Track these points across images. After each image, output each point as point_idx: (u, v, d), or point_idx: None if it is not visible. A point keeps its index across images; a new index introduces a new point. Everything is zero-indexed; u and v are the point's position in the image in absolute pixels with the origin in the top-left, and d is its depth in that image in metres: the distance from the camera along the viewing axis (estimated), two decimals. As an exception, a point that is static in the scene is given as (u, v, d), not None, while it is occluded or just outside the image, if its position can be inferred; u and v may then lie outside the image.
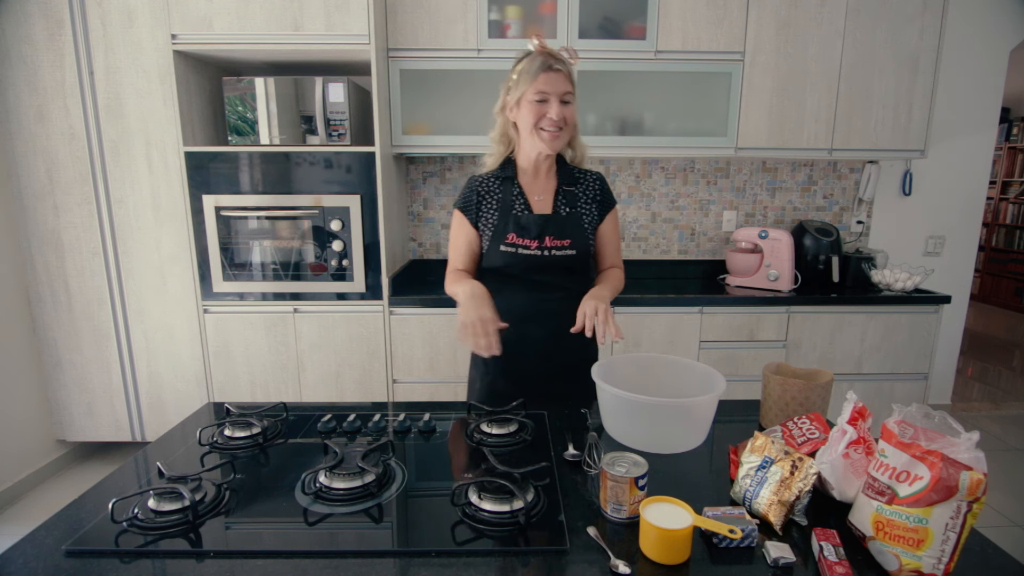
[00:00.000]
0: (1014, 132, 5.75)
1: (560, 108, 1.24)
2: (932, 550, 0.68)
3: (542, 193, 1.36)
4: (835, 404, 1.02)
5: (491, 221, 1.35)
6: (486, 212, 1.35)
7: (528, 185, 1.37)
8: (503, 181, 1.36)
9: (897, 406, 0.78)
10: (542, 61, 1.22)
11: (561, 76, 1.23)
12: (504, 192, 1.35)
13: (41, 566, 0.73)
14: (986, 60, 2.78)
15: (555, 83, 1.22)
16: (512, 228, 1.32)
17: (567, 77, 1.24)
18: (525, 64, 1.24)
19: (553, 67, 1.22)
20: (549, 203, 1.36)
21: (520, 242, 1.31)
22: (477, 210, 1.35)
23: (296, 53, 2.19)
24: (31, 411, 2.39)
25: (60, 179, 2.24)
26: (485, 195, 1.36)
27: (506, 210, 1.34)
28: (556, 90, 1.23)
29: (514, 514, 0.80)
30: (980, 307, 5.74)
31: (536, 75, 1.22)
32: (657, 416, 1.00)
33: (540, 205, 1.35)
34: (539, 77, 1.22)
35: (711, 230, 2.88)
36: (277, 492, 0.90)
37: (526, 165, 1.36)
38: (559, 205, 1.35)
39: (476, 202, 1.36)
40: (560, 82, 1.23)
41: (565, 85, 1.24)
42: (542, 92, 1.22)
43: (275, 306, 2.30)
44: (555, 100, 1.23)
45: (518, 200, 1.35)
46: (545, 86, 1.22)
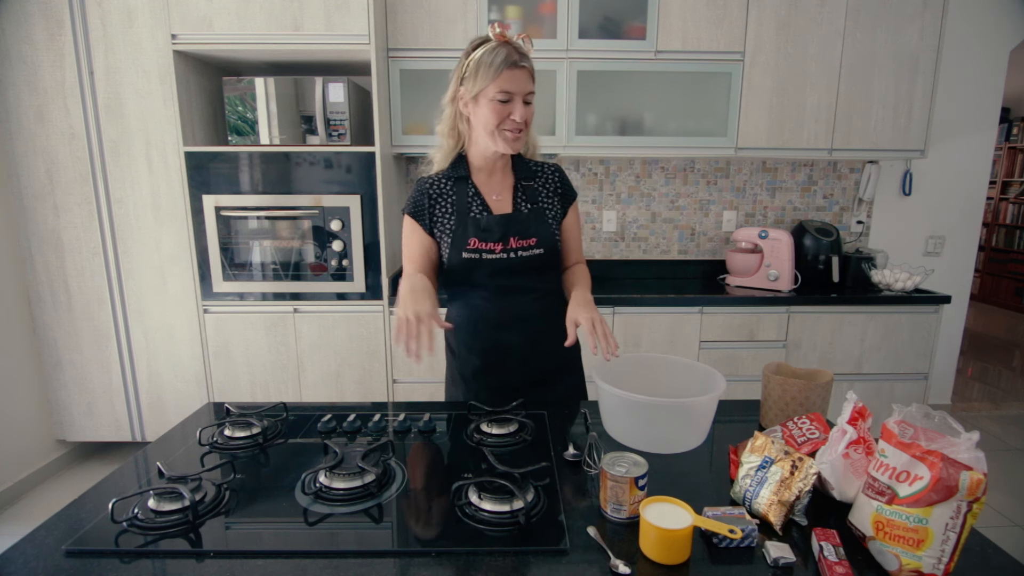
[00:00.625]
0: (1014, 132, 5.75)
1: (524, 110, 1.15)
2: (932, 550, 0.68)
3: (500, 191, 1.27)
4: (835, 404, 1.02)
5: (448, 226, 1.24)
6: (441, 217, 1.25)
7: (484, 184, 1.27)
8: (456, 182, 1.26)
9: (897, 406, 0.78)
10: (506, 55, 1.12)
11: (525, 73, 1.14)
12: (458, 194, 1.25)
13: (41, 566, 0.73)
14: (986, 60, 2.78)
15: (520, 82, 1.13)
16: (472, 232, 1.22)
17: (530, 74, 1.15)
18: (485, 55, 1.13)
19: (518, 63, 1.12)
20: (509, 201, 1.27)
21: (483, 246, 1.22)
22: (431, 215, 1.25)
23: (296, 53, 2.19)
24: (31, 411, 2.39)
25: (60, 179, 2.24)
26: (437, 198, 1.25)
27: (463, 213, 1.24)
28: (521, 89, 1.14)
29: (514, 514, 0.80)
30: (980, 307, 5.74)
31: (499, 71, 1.11)
32: (657, 416, 1.00)
33: (499, 205, 1.26)
34: (503, 74, 1.11)
35: (711, 230, 2.88)
36: (277, 492, 0.90)
37: (480, 163, 1.26)
38: (519, 202, 1.27)
39: (428, 206, 1.25)
40: (525, 81, 1.14)
41: (529, 84, 1.15)
42: (506, 92, 1.12)
43: (275, 306, 2.30)
44: (519, 100, 1.14)
45: (475, 201, 1.25)
46: (510, 85, 1.12)
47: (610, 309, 2.31)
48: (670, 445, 1.02)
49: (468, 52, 1.17)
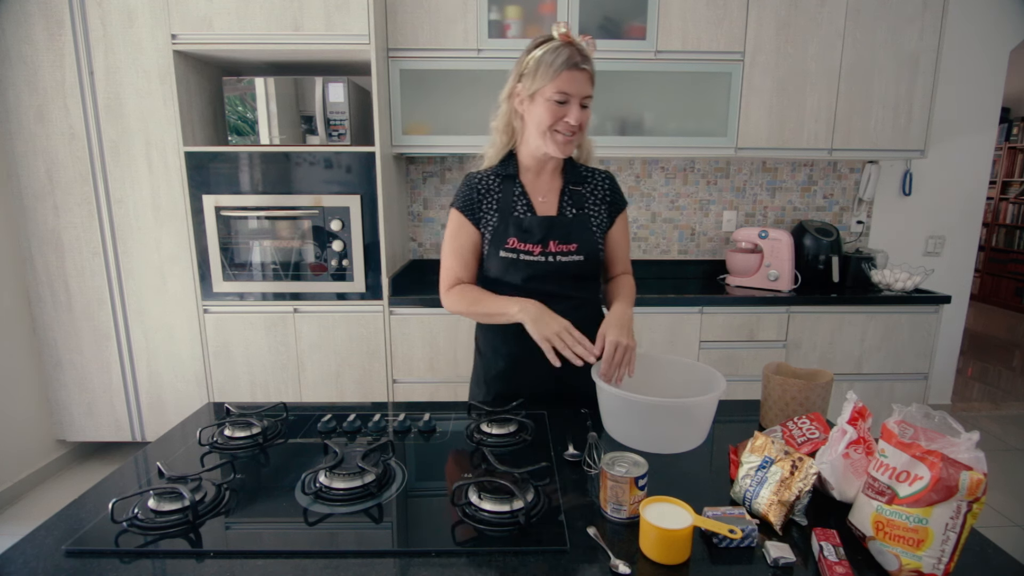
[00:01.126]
0: (1014, 132, 5.75)
1: (579, 113, 1.13)
2: (932, 550, 0.68)
3: (546, 193, 1.26)
4: (835, 404, 1.02)
5: (490, 223, 1.23)
6: (486, 213, 1.24)
7: (531, 184, 1.26)
8: (504, 179, 1.25)
9: (897, 406, 0.78)
10: (568, 56, 1.10)
11: (586, 76, 1.12)
12: (504, 192, 1.24)
13: (41, 566, 0.73)
14: (986, 60, 2.78)
15: (579, 84, 1.11)
16: (513, 232, 1.21)
17: (590, 78, 1.13)
18: (547, 54, 1.11)
19: (580, 65, 1.10)
20: (554, 204, 1.25)
21: (521, 247, 1.20)
22: (478, 210, 1.24)
23: (296, 53, 2.19)
24: (31, 411, 2.39)
25: (60, 179, 2.24)
26: (485, 194, 1.24)
27: (506, 212, 1.22)
28: (579, 92, 1.12)
29: (514, 514, 0.80)
30: (980, 307, 5.74)
31: (559, 71, 1.10)
32: (657, 416, 1.00)
33: (544, 206, 1.25)
34: (562, 75, 1.10)
35: (711, 230, 2.88)
36: (277, 492, 0.90)
37: (530, 162, 1.25)
38: (565, 206, 1.25)
39: (476, 200, 1.24)
40: (584, 84, 1.12)
41: (588, 88, 1.13)
42: (564, 93, 1.11)
43: (275, 306, 2.30)
44: (575, 103, 1.12)
45: (520, 201, 1.24)
46: (568, 86, 1.10)
47: (610, 309, 2.31)
48: (670, 445, 1.02)
49: (529, 49, 1.16)
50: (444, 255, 1.28)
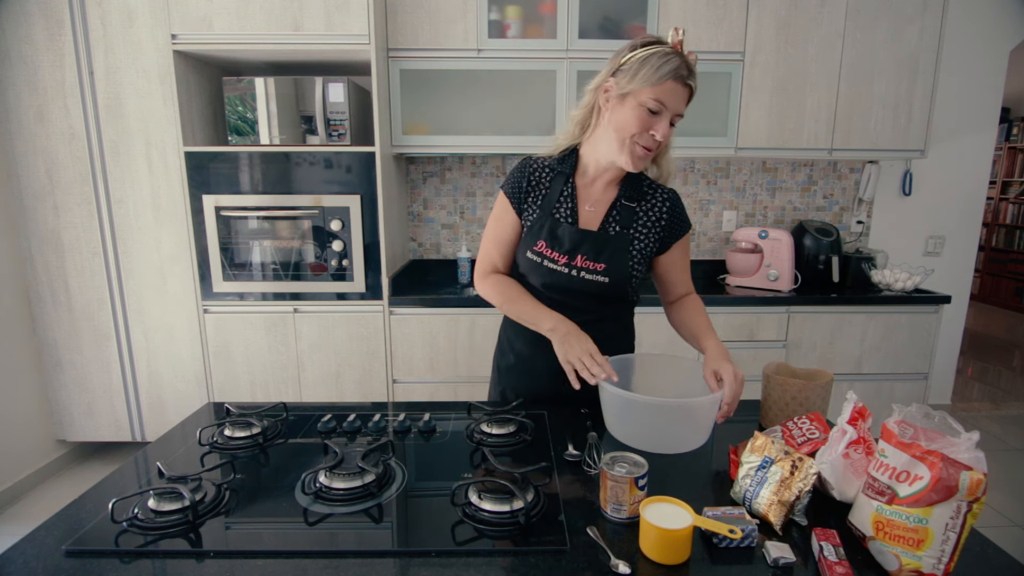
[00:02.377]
0: (1014, 132, 5.75)
1: (667, 129, 1.05)
2: (932, 550, 0.68)
3: (596, 203, 1.17)
4: (835, 404, 1.02)
5: (530, 217, 1.18)
6: (530, 205, 1.17)
7: (583, 188, 1.17)
8: (556, 175, 1.17)
9: (897, 406, 0.78)
10: (676, 67, 1.02)
11: (688, 93, 1.04)
12: (553, 188, 1.16)
13: (41, 566, 0.73)
14: (986, 60, 2.78)
15: (679, 99, 1.03)
16: (544, 235, 1.14)
17: (690, 96, 1.06)
18: (655, 57, 1.02)
19: (686, 80, 1.03)
20: (599, 217, 1.16)
21: (548, 253, 1.14)
22: (524, 199, 1.18)
23: (296, 53, 2.19)
24: (31, 411, 2.39)
25: (60, 179, 2.24)
26: (535, 185, 1.17)
27: (547, 211, 1.16)
28: (675, 107, 1.04)
29: (514, 514, 0.80)
30: (980, 307, 5.74)
31: (663, 80, 1.01)
32: (659, 417, 1.00)
33: (588, 217, 1.16)
34: (666, 83, 1.01)
35: (711, 230, 2.88)
36: (277, 492, 0.90)
37: (591, 165, 1.16)
38: (610, 222, 1.16)
39: (525, 189, 1.17)
40: (683, 99, 1.04)
41: (684, 104, 1.05)
42: (660, 103, 1.03)
43: (275, 306, 2.30)
44: (667, 118, 1.04)
45: (565, 204, 1.16)
46: (667, 97, 1.02)
47: (610, 309, 2.31)
48: (672, 445, 1.02)
49: (634, 46, 1.06)
50: (485, 239, 1.24)
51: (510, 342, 1.30)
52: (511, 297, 1.18)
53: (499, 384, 1.34)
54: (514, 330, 1.28)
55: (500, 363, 1.34)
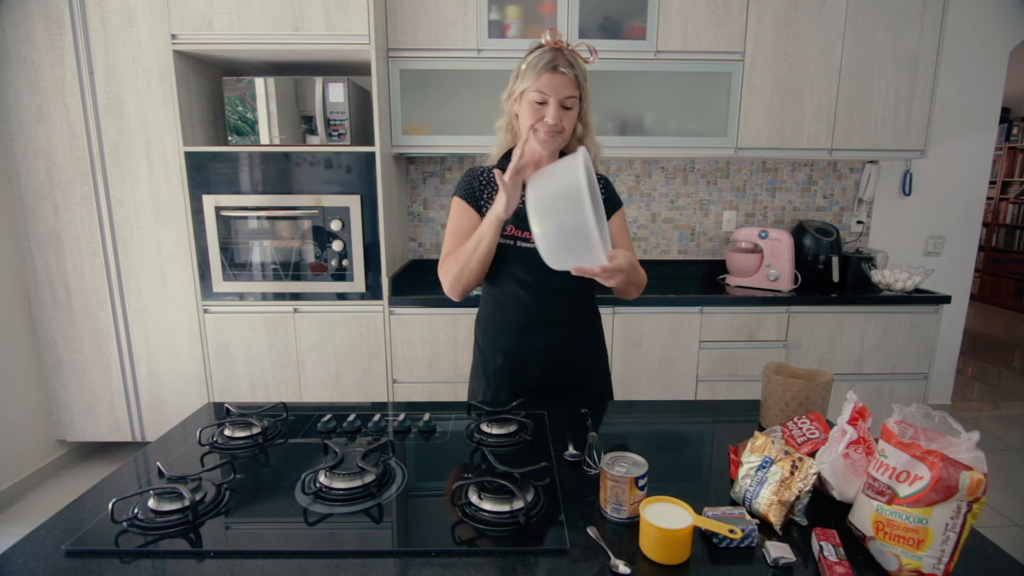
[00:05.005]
0: (1014, 132, 5.75)
1: (558, 112, 1.17)
2: (932, 550, 0.68)
3: None
4: (835, 404, 1.02)
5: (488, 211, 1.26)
6: (486, 203, 1.29)
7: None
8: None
9: (897, 406, 0.78)
10: (549, 59, 1.16)
11: (565, 80, 1.16)
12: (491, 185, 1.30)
13: (41, 566, 0.73)
14: (986, 60, 2.78)
15: (557, 86, 1.16)
16: (512, 220, 1.25)
17: (572, 81, 1.17)
18: (533, 58, 1.18)
19: (558, 68, 1.15)
20: None
21: (519, 234, 1.25)
22: (479, 198, 1.30)
23: (296, 53, 2.19)
24: (31, 411, 2.39)
25: (60, 179, 2.24)
26: (486, 185, 1.31)
27: None
28: (557, 94, 1.16)
29: (514, 514, 0.80)
30: (980, 307, 5.74)
31: (540, 74, 1.15)
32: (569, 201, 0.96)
33: None
34: (542, 76, 1.15)
35: (711, 230, 2.88)
36: (277, 492, 0.90)
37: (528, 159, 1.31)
38: None
39: (478, 189, 1.30)
40: (563, 86, 1.16)
41: (568, 89, 1.16)
42: (542, 93, 1.16)
43: (275, 306, 2.30)
44: (554, 103, 1.17)
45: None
46: (546, 87, 1.16)
47: (610, 309, 2.31)
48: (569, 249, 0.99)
49: (525, 55, 1.22)
50: (446, 242, 1.31)
51: (493, 344, 1.34)
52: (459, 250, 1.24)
53: (490, 388, 1.35)
54: (496, 330, 1.33)
55: (486, 368, 1.36)
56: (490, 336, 1.35)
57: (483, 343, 1.37)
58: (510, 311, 1.30)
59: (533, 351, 1.30)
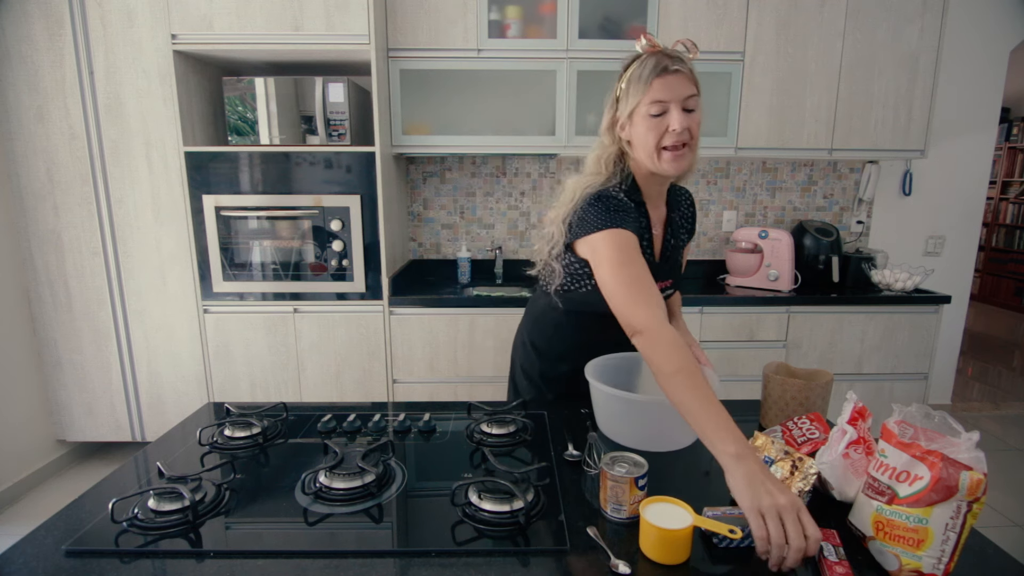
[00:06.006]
0: (1014, 132, 5.74)
1: (683, 117, 1.01)
2: (932, 550, 0.68)
3: (658, 225, 1.18)
4: (835, 404, 1.02)
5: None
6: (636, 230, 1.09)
7: (652, 213, 1.16)
8: (637, 206, 1.12)
9: (897, 406, 0.78)
10: (655, 62, 1.01)
11: (682, 78, 1.01)
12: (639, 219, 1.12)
13: (41, 566, 0.73)
14: (986, 60, 2.78)
15: (674, 88, 1.00)
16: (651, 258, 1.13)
17: (689, 78, 1.02)
18: (635, 69, 1.03)
19: (670, 68, 1.00)
20: (660, 237, 1.19)
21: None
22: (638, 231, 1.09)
23: (296, 53, 2.19)
24: (31, 411, 2.39)
25: (60, 179, 2.24)
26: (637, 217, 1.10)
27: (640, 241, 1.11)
28: (677, 95, 1.01)
29: (514, 514, 0.80)
30: (980, 307, 5.74)
31: (650, 81, 1.00)
32: (649, 415, 1.00)
33: (657, 241, 1.18)
34: (653, 83, 1.00)
35: (711, 230, 2.88)
36: (277, 492, 0.90)
37: (649, 188, 1.14)
38: (668, 241, 1.19)
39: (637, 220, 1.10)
40: (680, 85, 1.00)
41: (687, 88, 1.01)
42: (659, 101, 1.01)
43: (275, 306, 2.30)
44: (676, 108, 1.01)
45: (645, 232, 1.14)
46: (662, 93, 1.00)
47: (610, 309, 2.30)
48: (662, 443, 1.02)
49: (620, 75, 1.08)
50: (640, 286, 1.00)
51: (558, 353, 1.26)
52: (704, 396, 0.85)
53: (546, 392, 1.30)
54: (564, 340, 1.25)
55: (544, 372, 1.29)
56: (554, 344, 1.28)
57: (543, 348, 1.30)
58: (588, 328, 1.22)
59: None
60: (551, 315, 1.26)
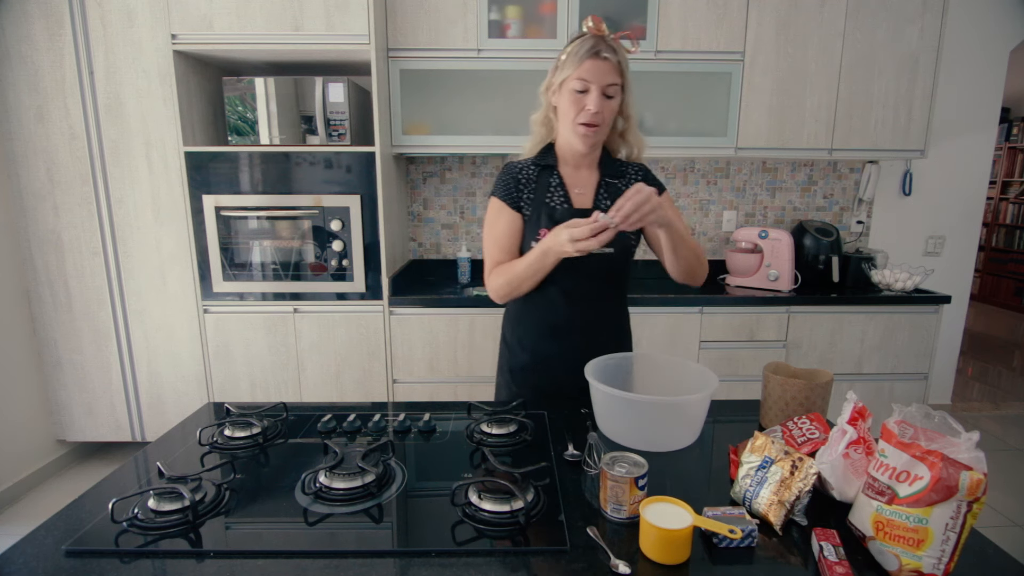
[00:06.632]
0: (1014, 132, 5.75)
1: (600, 100, 1.13)
2: (932, 550, 0.68)
3: (583, 186, 1.26)
4: (835, 404, 1.02)
5: (526, 212, 1.24)
6: (525, 202, 1.24)
7: (569, 176, 1.26)
8: (542, 169, 1.26)
9: (897, 406, 0.78)
10: (591, 45, 1.12)
11: (608, 65, 1.12)
12: (541, 181, 1.25)
13: (41, 566, 0.73)
14: (986, 60, 2.78)
15: (599, 72, 1.12)
16: (545, 222, 1.21)
17: (615, 67, 1.13)
18: (574, 46, 1.15)
19: (601, 54, 1.12)
20: (590, 197, 1.25)
21: None
22: (518, 197, 1.24)
23: (296, 53, 2.19)
24: (31, 411, 2.39)
25: (60, 179, 2.24)
26: (525, 183, 1.25)
27: (540, 201, 1.23)
28: (599, 80, 1.12)
29: (514, 514, 0.80)
30: (980, 307, 5.74)
31: (582, 60, 1.12)
32: (649, 414, 1.00)
33: (580, 199, 1.25)
34: (584, 63, 1.12)
35: (711, 230, 2.88)
36: (277, 492, 0.90)
37: (567, 155, 1.26)
38: (601, 199, 1.24)
39: (516, 188, 1.24)
40: (605, 72, 1.12)
41: (610, 76, 1.13)
42: (583, 80, 1.12)
43: (275, 306, 2.30)
44: (596, 91, 1.12)
45: (557, 192, 1.24)
46: (588, 74, 1.12)
47: (610, 309, 2.30)
48: (662, 443, 1.02)
49: (566, 46, 1.20)
50: (486, 244, 1.28)
51: (520, 341, 1.32)
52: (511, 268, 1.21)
53: (513, 385, 1.34)
54: (525, 328, 1.31)
55: (512, 364, 1.34)
56: (518, 333, 1.33)
57: (511, 339, 1.35)
58: (542, 312, 1.27)
59: (560, 353, 1.27)
60: (511, 305, 1.35)
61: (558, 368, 1.28)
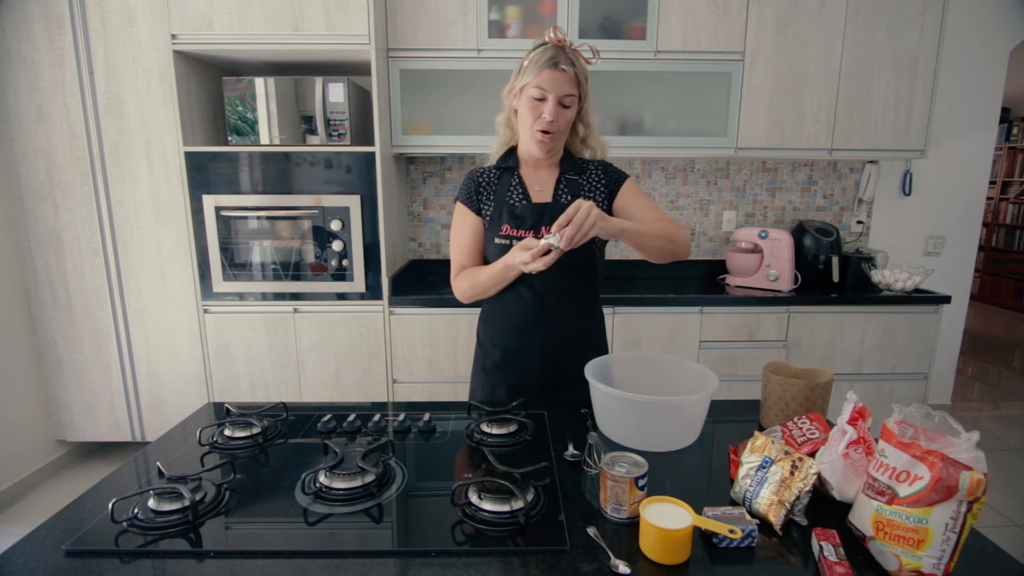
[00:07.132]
0: (1014, 132, 5.75)
1: (556, 110, 1.18)
2: (932, 550, 0.68)
3: (543, 183, 1.30)
4: (835, 404, 1.02)
5: (487, 213, 1.29)
6: (485, 203, 1.30)
7: (529, 175, 1.31)
8: (503, 172, 1.31)
9: (897, 406, 0.78)
10: (550, 56, 1.17)
11: (565, 77, 1.16)
12: (502, 183, 1.30)
13: (41, 566, 0.73)
14: (986, 60, 2.78)
15: (557, 83, 1.16)
16: (506, 219, 1.25)
17: (572, 79, 1.17)
18: (536, 54, 1.19)
19: (559, 66, 1.16)
20: (550, 192, 1.29)
21: (515, 233, 1.24)
22: (479, 200, 1.30)
23: (296, 53, 2.19)
24: (31, 411, 2.39)
25: (60, 179, 2.24)
26: (485, 185, 1.30)
27: (501, 200, 1.28)
28: (556, 90, 1.17)
29: (514, 514, 0.80)
30: (980, 307, 5.74)
31: (540, 70, 1.16)
32: (649, 414, 1.00)
33: (540, 195, 1.30)
34: (543, 72, 1.16)
35: (711, 230, 2.88)
36: (277, 492, 0.90)
37: (527, 157, 1.31)
38: (560, 194, 1.29)
39: (477, 192, 1.30)
40: (563, 83, 1.17)
41: (567, 87, 1.17)
42: (541, 89, 1.17)
43: (275, 306, 2.30)
44: (552, 100, 1.17)
45: (516, 190, 1.29)
46: (545, 83, 1.17)
47: (610, 309, 2.31)
48: (662, 443, 1.02)
49: (529, 51, 1.23)
50: (451, 249, 1.34)
51: (492, 340, 1.35)
52: (476, 274, 1.27)
53: (487, 383, 1.36)
54: (497, 327, 1.34)
55: (485, 363, 1.37)
56: (490, 332, 1.35)
57: (484, 339, 1.38)
58: (511, 309, 1.30)
59: (532, 349, 1.30)
60: (484, 304, 1.38)
61: (529, 364, 1.31)
